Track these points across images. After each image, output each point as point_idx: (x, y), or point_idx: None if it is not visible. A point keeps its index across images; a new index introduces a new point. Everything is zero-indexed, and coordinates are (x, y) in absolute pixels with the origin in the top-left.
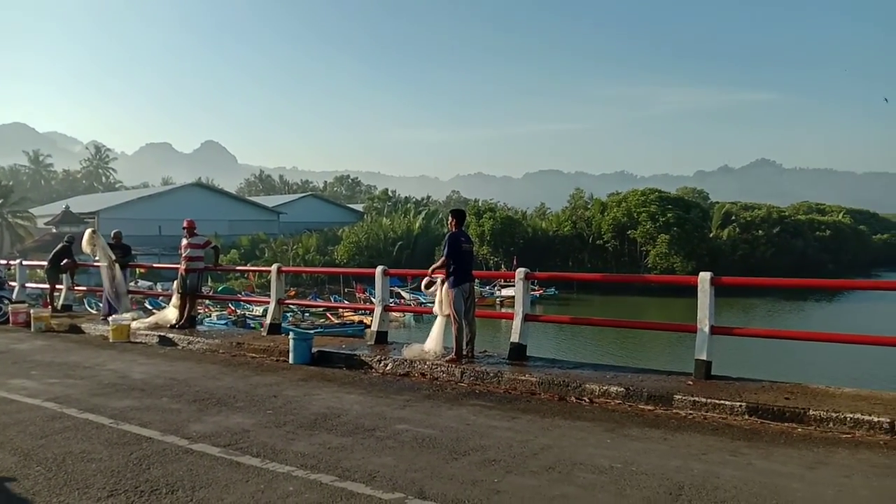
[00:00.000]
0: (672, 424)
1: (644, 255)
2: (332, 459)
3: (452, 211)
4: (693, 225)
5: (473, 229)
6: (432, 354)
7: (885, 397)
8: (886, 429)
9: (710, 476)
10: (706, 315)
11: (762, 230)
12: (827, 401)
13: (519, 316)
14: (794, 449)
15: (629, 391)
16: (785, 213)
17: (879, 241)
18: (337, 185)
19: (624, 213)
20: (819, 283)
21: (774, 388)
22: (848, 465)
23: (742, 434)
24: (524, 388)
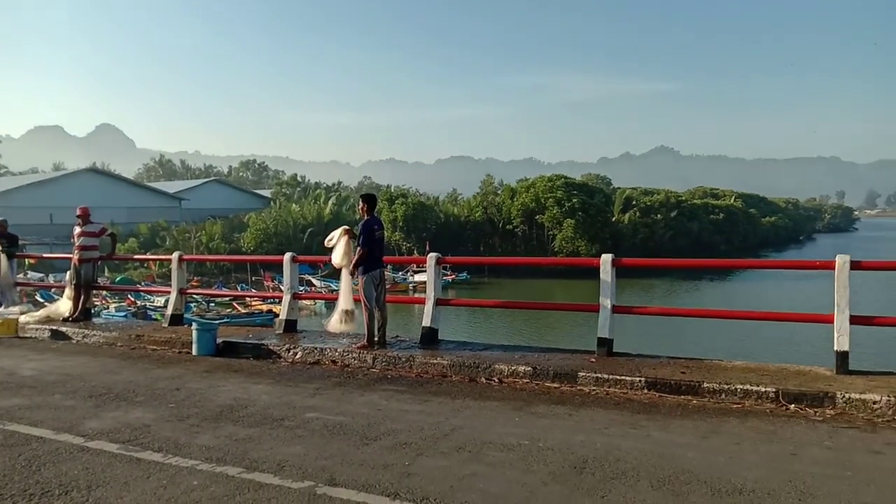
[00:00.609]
0: (577, 401)
1: (551, 239)
2: (238, 451)
3: (363, 196)
4: (597, 210)
5: (386, 215)
6: (347, 315)
7: (771, 369)
8: (772, 398)
9: (612, 449)
10: (608, 295)
11: (661, 214)
12: (720, 374)
13: (431, 300)
14: (689, 420)
15: (536, 370)
16: (682, 198)
17: (767, 224)
18: (243, 171)
19: (532, 198)
20: (713, 264)
21: (672, 364)
22: (738, 433)
23: (642, 408)
24: (436, 371)
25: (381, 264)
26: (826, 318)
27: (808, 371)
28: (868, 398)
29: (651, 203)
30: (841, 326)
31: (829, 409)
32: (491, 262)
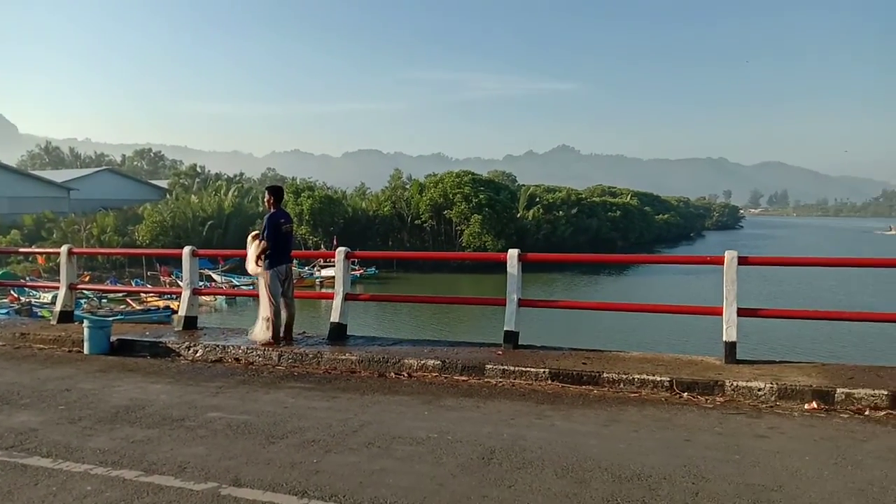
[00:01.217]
0: (484, 393)
1: (459, 234)
2: (136, 454)
3: (269, 188)
4: (503, 206)
5: (292, 208)
6: (269, 323)
7: (665, 359)
8: (667, 387)
9: (518, 439)
10: (514, 289)
11: (562, 211)
12: (618, 364)
13: (339, 295)
14: (590, 409)
15: (445, 364)
16: (582, 196)
17: (661, 221)
18: (137, 160)
19: (440, 194)
20: (611, 259)
21: (574, 355)
22: (636, 420)
23: (546, 398)
24: (344, 367)
25: (289, 259)
26: (716, 311)
27: (699, 361)
28: (754, 385)
29: (554, 200)
30: (729, 318)
31: (719, 396)
32: (400, 256)
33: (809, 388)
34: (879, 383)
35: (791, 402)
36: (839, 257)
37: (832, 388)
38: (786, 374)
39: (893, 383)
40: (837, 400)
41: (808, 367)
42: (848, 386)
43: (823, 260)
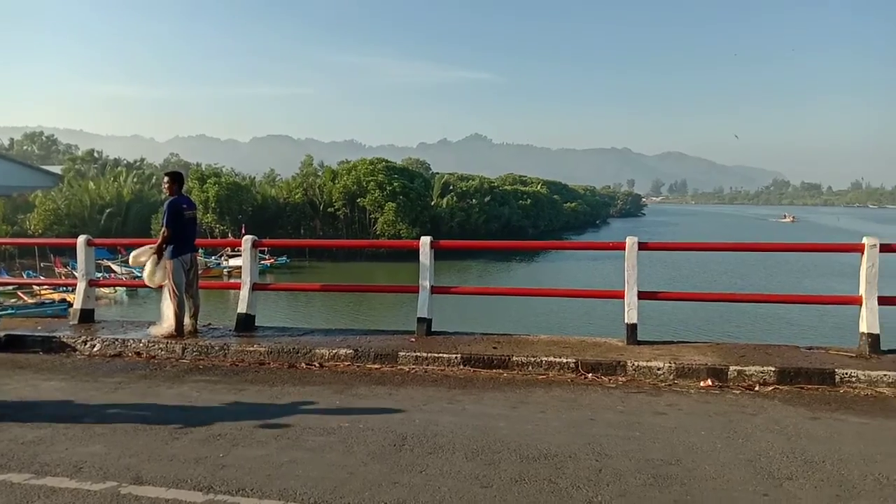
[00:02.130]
0: (397, 380)
1: (373, 222)
2: (26, 455)
3: (169, 173)
4: (417, 194)
5: (197, 195)
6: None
7: (571, 341)
8: (573, 368)
9: (430, 424)
10: (427, 276)
11: (475, 199)
12: (527, 347)
13: (247, 286)
14: (500, 392)
15: (357, 352)
16: (494, 184)
17: (569, 209)
18: (27, 143)
19: (354, 181)
20: (522, 245)
21: (485, 340)
22: (543, 402)
23: (458, 383)
24: (252, 358)
25: (193, 247)
26: (618, 294)
27: (603, 342)
28: (653, 365)
29: (467, 188)
30: (630, 301)
31: (622, 376)
32: (311, 244)
33: (705, 367)
34: (768, 360)
35: (688, 380)
36: (732, 242)
37: (725, 366)
38: (683, 354)
39: (780, 360)
40: (730, 377)
41: (704, 346)
42: (740, 364)
43: (717, 245)
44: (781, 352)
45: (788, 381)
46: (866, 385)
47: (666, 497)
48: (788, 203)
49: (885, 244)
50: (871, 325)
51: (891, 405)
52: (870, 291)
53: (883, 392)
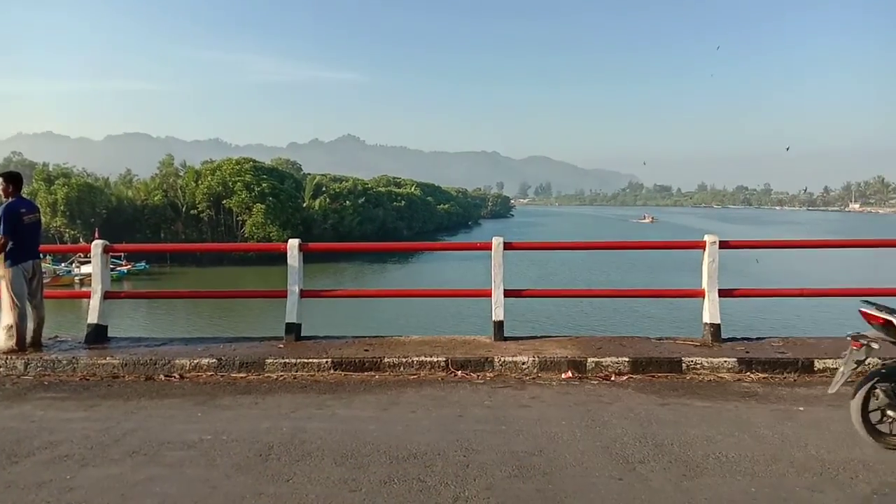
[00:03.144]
0: (264, 388)
1: (241, 224)
2: None
3: (4, 175)
4: (287, 195)
5: (43, 198)
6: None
7: (442, 340)
8: (443, 366)
9: (298, 431)
10: (296, 280)
11: (349, 200)
12: (399, 348)
13: (97, 294)
14: (371, 395)
15: (221, 361)
16: (368, 186)
17: (442, 211)
18: None
19: (219, 182)
20: (395, 247)
21: (357, 343)
22: (414, 401)
23: (328, 388)
24: (105, 372)
25: (36, 254)
26: (486, 293)
27: (472, 340)
28: (519, 360)
29: (340, 190)
30: (497, 299)
31: (489, 372)
32: (173, 249)
33: (565, 359)
34: (622, 351)
35: (550, 373)
36: (591, 241)
37: (584, 357)
38: (546, 348)
39: (633, 351)
40: (589, 368)
41: (565, 340)
42: (597, 355)
43: (578, 244)
44: (634, 343)
45: (641, 371)
46: (709, 371)
47: (529, 487)
48: (643, 204)
49: (724, 241)
50: (713, 316)
51: (730, 389)
52: (711, 285)
53: (724, 377)
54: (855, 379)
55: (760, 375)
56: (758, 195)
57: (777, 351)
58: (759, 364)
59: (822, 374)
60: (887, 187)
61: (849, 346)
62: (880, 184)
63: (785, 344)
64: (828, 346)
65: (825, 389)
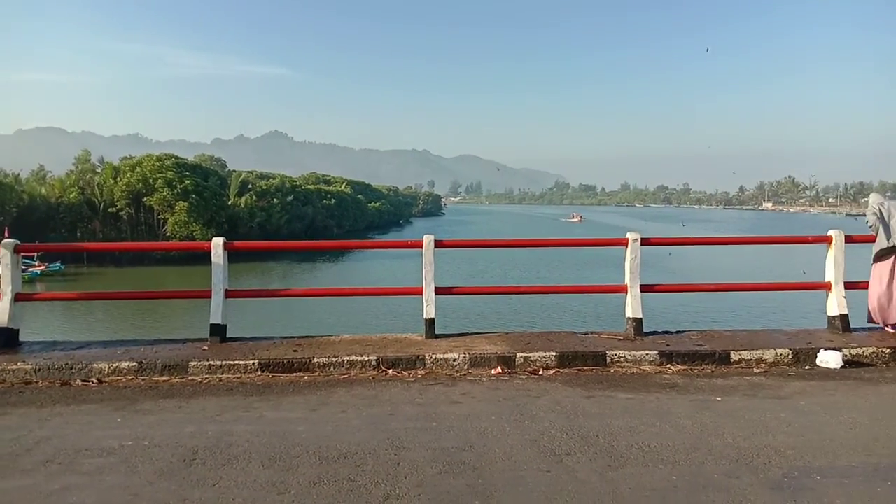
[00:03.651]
0: (188, 391)
1: (162, 223)
2: None
3: None
4: (212, 192)
5: None
6: None
7: (373, 339)
8: (374, 365)
9: (224, 435)
10: (220, 280)
11: (277, 198)
12: (329, 348)
13: (7, 296)
14: (300, 396)
15: (142, 365)
16: (297, 183)
17: (373, 209)
18: None
19: (139, 178)
20: (325, 245)
21: (285, 343)
22: (344, 401)
23: (255, 390)
24: (16, 378)
25: None
26: (417, 291)
27: (404, 338)
28: (450, 357)
29: (267, 187)
30: (428, 297)
31: (421, 370)
32: (90, 248)
33: (495, 355)
34: (550, 346)
35: (481, 369)
36: (521, 239)
37: (513, 353)
38: (476, 345)
39: (560, 345)
40: (518, 363)
41: (495, 336)
42: (526, 350)
43: (508, 242)
44: (561, 338)
45: (568, 365)
46: (632, 364)
47: (460, 483)
48: (569, 203)
49: (645, 238)
50: (635, 311)
51: (652, 381)
52: (633, 280)
53: (646, 369)
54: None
55: (680, 367)
56: (677, 194)
57: (695, 344)
58: (679, 356)
59: (738, 365)
60: (797, 187)
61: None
62: (791, 183)
63: (703, 337)
64: (742, 338)
65: (741, 380)
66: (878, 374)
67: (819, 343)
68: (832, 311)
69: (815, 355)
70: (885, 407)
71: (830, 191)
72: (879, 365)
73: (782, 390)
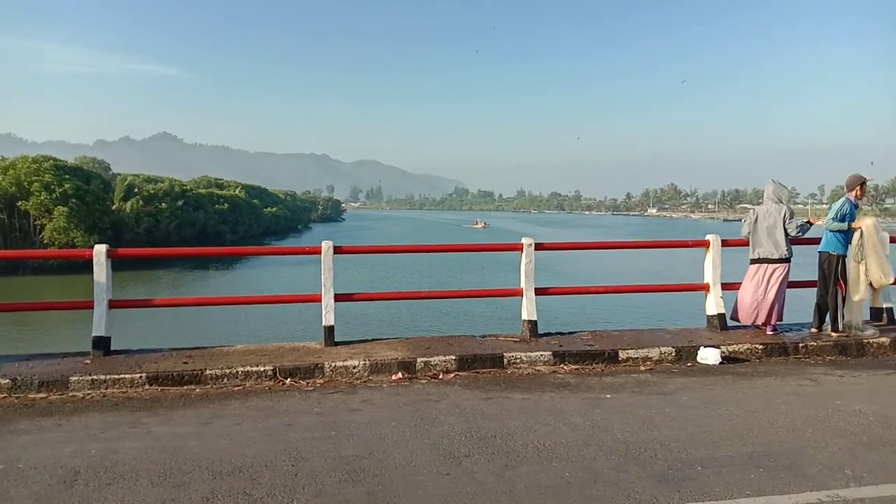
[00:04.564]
0: (68, 408)
1: (39, 229)
2: None
3: None
4: (94, 197)
5: None
6: None
7: (269, 349)
8: (270, 375)
9: (109, 453)
10: (103, 289)
11: (166, 203)
12: (222, 359)
13: None
14: (192, 409)
15: (16, 381)
16: (187, 187)
17: (269, 214)
18: None
19: (12, 182)
20: (218, 252)
21: (175, 355)
22: (239, 413)
23: (143, 404)
24: None
25: None
26: (316, 298)
27: (302, 347)
28: (350, 364)
29: (155, 191)
30: (327, 304)
31: (320, 378)
32: None
33: (396, 361)
34: (450, 350)
35: (381, 375)
36: (420, 245)
37: (413, 358)
38: (377, 351)
39: (460, 349)
40: (418, 368)
41: (395, 342)
42: (426, 355)
43: (409, 247)
44: (461, 341)
45: (467, 368)
46: (528, 365)
47: (359, 490)
48: (468, 209)
49: (539, 244)
50: (530, 313)
51: (546, 380)
52: (528, 284)
53: (541, 370)
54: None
55: (573, 367)
56: (569, 201)
57: (587, 344)
58: (572, 356)
59: (626, 363)
60: (679, 194)
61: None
62: (673, 191)
63: (593, 337)
64: (630, 337)
65: (628, 378)
66: (752, 368)
67: (699, 341)
68: (711, 310)
69: (695, 352)
70: (758, 399)
71: (709, 197)
72: (753, 360)
73: (666, 386)
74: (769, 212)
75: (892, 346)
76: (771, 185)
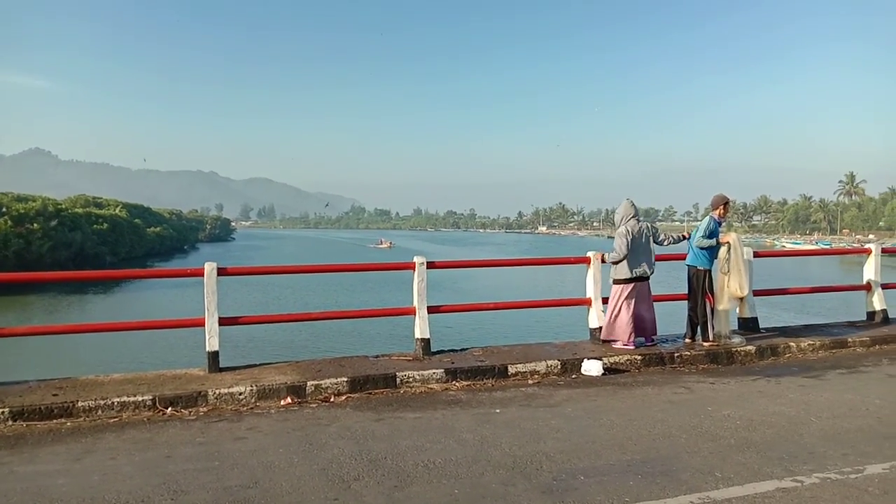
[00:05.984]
0: None
1: None
2: None
3: None
4: None
5: None
6: None
7: (148, 377)
8: (149, 405)
9: None
10: None
11: (38, 223)
12: (96, 389)
13: None
14: (62, 445)
15: None
16: (62, 206)
17: (153, 234)
18: None
19: None
20: (96, 275)
21: (43, 387)
22: (114, 447)
23: (5, 442)
24: None
25: None
26: (199, 322)
27: (184, 374)
28: (235, 391)
29: (26, 211)
30: (211, 328)
31: (203, 406)
32: None
33: (285, 385)
34: (342, 372)
35: (269, 401)
36: (311, 265)
37: (303, 382)
38: (265, 376)
39: (352, 370)
40: (308, 392)
41: (285, 366)
42: (317, 378)
43: (300, 267)
44: (353, 363)
45: (359, 389)
46: (420, 383)
47: None
48: (365, 227)
49: (431, 262)
50: (423, 331)
51: (438, 398)
52: (421, 302)
53: (433, 388)
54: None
55: (464, 383)
56: (465, 219)
57: (477, 360)
58: (463, 373)
59: (515, 377)
60: (567, 213)
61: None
62: (561, 209)
63: (484, 353)
64: (518, 352)
65: (517, 392)
66: (631, 378)
67: (583, 353)
68: (593, 323)
69: (580, 364)
70: (637, 408)
71: (594, 216)
72: (633, 370)
73: (552, 399)
74: (640, 230)
75: (758, 354)
76: (626, 203)
